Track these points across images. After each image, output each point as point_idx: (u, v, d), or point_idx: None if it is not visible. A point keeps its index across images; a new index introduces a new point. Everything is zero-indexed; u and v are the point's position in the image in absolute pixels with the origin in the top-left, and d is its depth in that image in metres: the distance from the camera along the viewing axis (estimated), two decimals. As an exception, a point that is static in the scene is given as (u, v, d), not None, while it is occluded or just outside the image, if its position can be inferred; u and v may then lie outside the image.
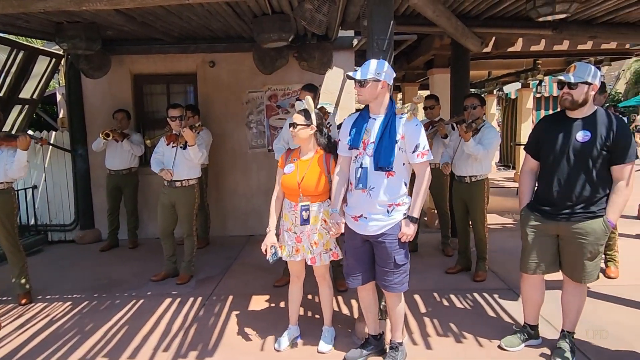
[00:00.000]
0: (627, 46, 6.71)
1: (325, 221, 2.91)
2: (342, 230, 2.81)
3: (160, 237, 4.51)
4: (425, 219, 6.46)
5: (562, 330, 2.95)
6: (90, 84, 5.82)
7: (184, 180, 4.29)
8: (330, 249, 2.98)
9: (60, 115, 8.15)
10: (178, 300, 3.97)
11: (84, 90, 5.93)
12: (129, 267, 4.91)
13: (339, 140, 2.85)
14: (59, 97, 8.39)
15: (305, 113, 2.90)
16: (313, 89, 3.92)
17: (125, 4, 3.17)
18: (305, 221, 2.88)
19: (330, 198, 2.90)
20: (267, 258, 2.95)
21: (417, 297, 3.88)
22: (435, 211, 5.38)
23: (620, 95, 25.68)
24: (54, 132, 6.10)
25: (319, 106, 3.90)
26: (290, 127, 2.91)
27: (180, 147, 4.24)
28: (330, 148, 2.97)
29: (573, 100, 2.64)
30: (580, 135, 2.64)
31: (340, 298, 3.91)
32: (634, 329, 3.23)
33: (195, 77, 5.97)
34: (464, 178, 4.19)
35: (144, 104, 6.15)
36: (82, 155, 5.92)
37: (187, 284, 4.33)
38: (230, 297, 4.01)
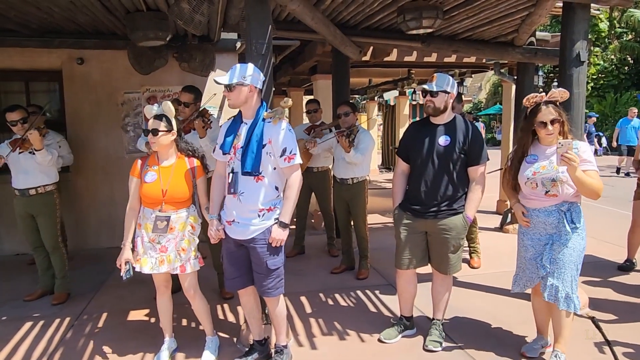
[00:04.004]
0: (484, 61, 7.57)
1: (193, 227, 2.85)
2: (223, 236, 2.76)
3: (32, 250, 4.09)
4: (312, 221, 6.59)
5: (433, 319, 3.20)
6: None
7: (39, 187, 3.87)
8: (197, 256, 2.90)
9: None
10: (41, 323, 3.55)
11: None
12: (-23, 290, 4.26)
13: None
14: None
15: (166, 119, 2.78)
16: (194, 91, 3.81)
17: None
18: (161, 230, 2.76)
19: (194, 203, 2.89)
20: (121, 274, 2.78)
21: (303, 298, 3.94)
22: (321, 213, 5.52)
23: (482, 104, 28.96)
24: None
25: (201, 108, 3.79)
26: (149, 134, 2.76)
27: (30, 153, 3.80)
28: (193, 152, 2.93)
29: (435, 107, 2.90)
30: (442, 140, 2.91)
31: (225, 306, 3.82)
32: (493, 312, 3.61)
33: (61, 75, 5.41)
34: (346, 180, 4.37)
35: (-3, 103, 5.42)
36: None
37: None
38: (104, 315, 3.69)
